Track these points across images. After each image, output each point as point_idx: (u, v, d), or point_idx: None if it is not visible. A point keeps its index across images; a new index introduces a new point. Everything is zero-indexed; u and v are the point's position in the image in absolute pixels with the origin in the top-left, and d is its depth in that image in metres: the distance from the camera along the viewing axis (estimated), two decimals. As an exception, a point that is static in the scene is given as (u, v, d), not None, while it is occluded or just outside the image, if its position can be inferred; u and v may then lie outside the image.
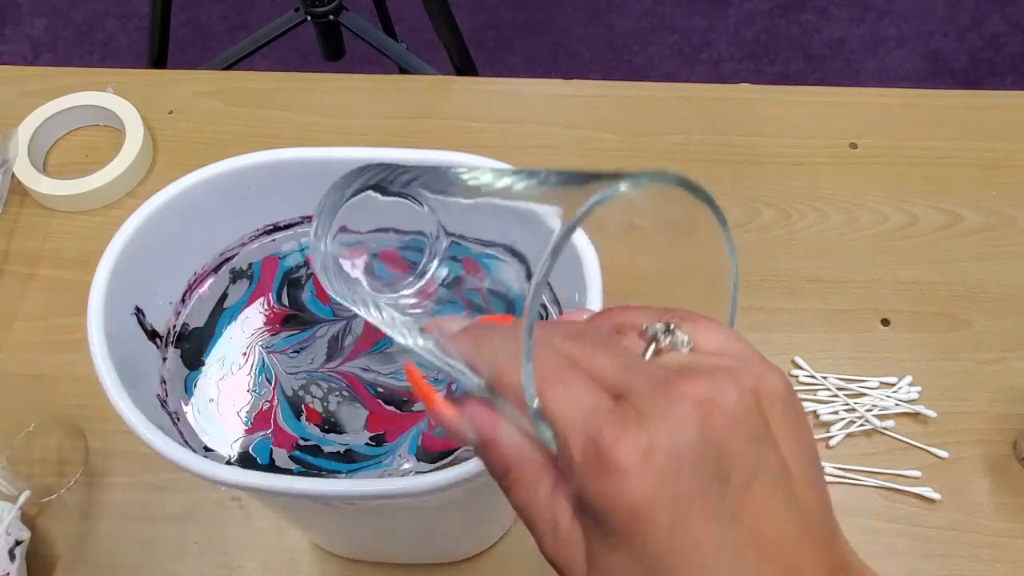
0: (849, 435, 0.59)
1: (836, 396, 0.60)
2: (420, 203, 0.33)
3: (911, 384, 0.61)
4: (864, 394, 0.61)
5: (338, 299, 0.34)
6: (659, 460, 0.21)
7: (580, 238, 0.34)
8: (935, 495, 0.57)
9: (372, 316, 0.33)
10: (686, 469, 0.21)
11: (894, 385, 0.61)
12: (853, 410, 0.60)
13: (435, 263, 0.36)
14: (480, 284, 0.38)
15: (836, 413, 0.60)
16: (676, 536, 0.20)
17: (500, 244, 0.32)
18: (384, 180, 0.33)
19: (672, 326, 0.24)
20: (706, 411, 0.21)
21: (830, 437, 0.59)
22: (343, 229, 0.34)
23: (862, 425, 0.59)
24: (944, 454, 0.58)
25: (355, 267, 0.36)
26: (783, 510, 0.21)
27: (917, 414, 0.60)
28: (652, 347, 0.24)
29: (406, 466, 0.41)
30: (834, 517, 0.23)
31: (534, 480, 0.23)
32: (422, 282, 0.36)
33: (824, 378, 0.61)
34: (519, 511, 0.24)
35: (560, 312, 0.42)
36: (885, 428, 0.59)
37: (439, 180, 0.31)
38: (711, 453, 0.21)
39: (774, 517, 0.21)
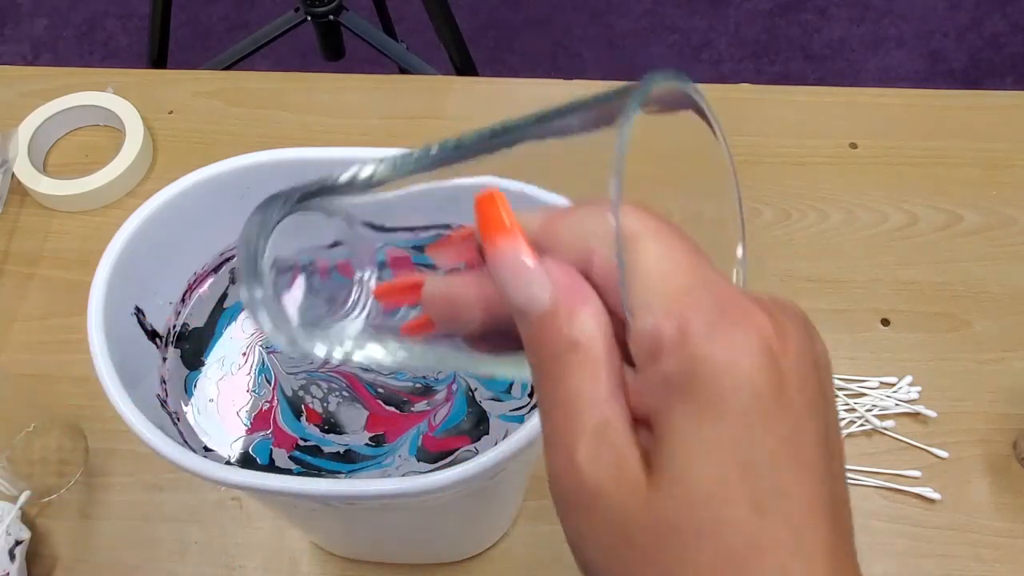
0: (849, 435, 0.59)
1: (836, 396, 0.60)
2: (326, 213, 0.30)
3: (911, 384, 0.61)
4: (864, 394, 0.61)
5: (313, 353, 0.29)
6: (790, 342, 0.20)
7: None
8: (935, 495, 0.57)
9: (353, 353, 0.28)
10: (808, 365, 0.20)
11: (894, 385, 0.61)
12: (853, 410, 0.60)
13: (367, 269, 0.31)
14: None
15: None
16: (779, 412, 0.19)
17: (436, 226, 0.29)
18: (289, 207, 0.29)
19: None
20: (812, 334, 0.21)
21: (830, 437, 0.59)
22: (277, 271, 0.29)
23: (862, 425, 0.59)
24: (944, 454, 0.58)
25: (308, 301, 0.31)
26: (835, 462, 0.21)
27: (917, 414, 0.60)
28: None
29: (406, 466, 0.41)
30: None
31: (598, 368, 0.20)
32: (365, 291, 0.31)
33: (824, 378, 0.61)
34: (559, 404, 0.20)
35: None
36: (885, 428, 0.59)
37: (335, 188, 0.28)
38: (822, 367, 0.21)
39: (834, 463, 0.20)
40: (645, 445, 0.20)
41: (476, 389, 0.43)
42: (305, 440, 0.41)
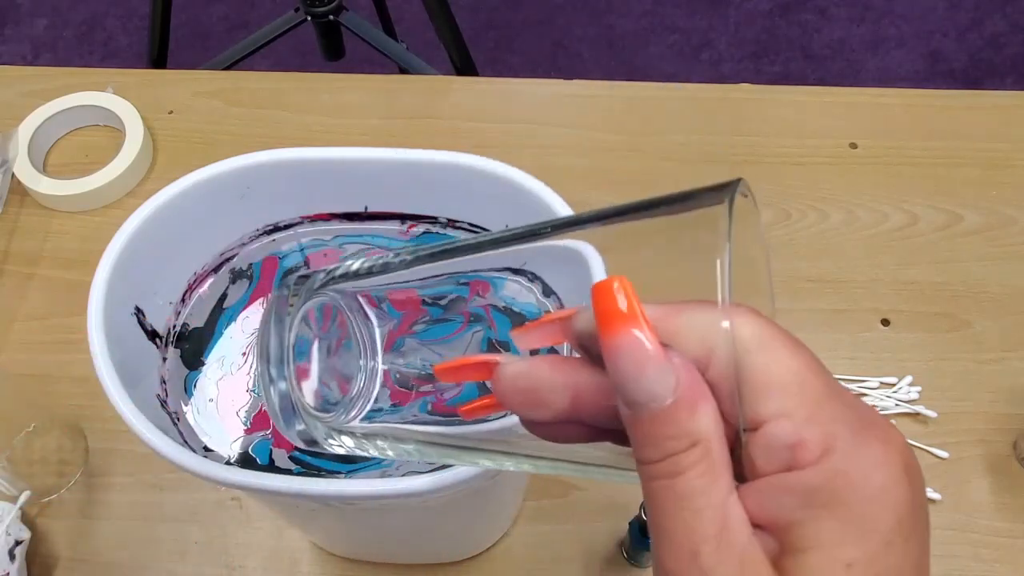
0: (849, 435, 0.59)
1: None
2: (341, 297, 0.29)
3: (911, 384, 0.61)
4: (864, 394, 0.61)
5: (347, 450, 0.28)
6: (914, 459, 0.20)
7: (593, 257, 0.28)
8: (935, 495, 0.57)
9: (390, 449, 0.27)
10: (924, 483, 0.20)
11: (894, 385, 0.61)
12: (853, 410, 0.60)
13: (372, 358, 0.30)
14: (484, 301, 0.35)
15: (836, 413, 0.60)
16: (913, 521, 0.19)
17: (505, 268, 0.29)
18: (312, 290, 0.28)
19: None
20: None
21: (830, 437, 0.59)
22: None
23: (862, 425, 0.59)
24: (944, 454, 0.58)
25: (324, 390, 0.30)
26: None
27: (917, 414, 0.60)
28: None
29: (406, 466, 0.41)
30: None
31: (716, 467, 0.19)
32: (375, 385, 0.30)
33: (824, 378, 0.61)
34: (677, 502, 0.20)
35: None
36: (885, 428, 0.59)
37: (357, 274, 0.27)
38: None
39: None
40: (770, 553, 0.20)
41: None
42: (305, 440, 0.41)
